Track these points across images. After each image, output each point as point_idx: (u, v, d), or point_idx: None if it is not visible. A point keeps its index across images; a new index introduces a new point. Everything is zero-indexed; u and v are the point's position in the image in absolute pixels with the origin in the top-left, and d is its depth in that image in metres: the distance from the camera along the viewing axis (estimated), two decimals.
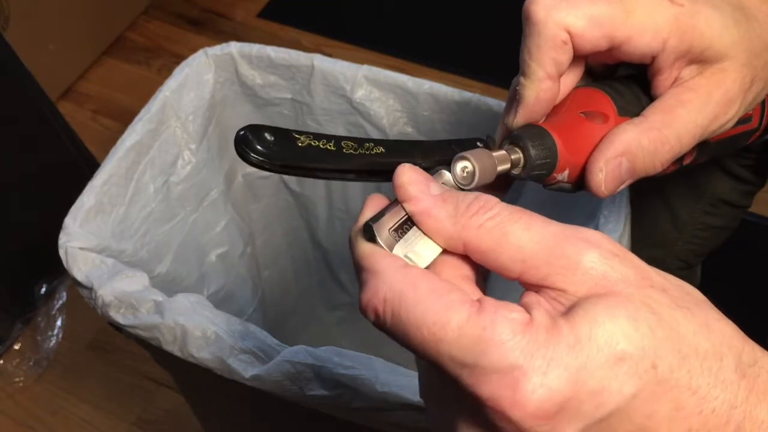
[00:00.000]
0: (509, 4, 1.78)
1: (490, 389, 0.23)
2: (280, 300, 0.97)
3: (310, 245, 0.94)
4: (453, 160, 0.32)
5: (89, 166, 1.16)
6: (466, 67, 1.47)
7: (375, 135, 0.77)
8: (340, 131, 0.78)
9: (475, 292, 0.27)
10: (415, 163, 0.31)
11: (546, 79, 0.35)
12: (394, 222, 0.28)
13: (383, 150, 0.32)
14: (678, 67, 0.36)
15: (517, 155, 0.35)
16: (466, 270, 0.28)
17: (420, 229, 0.28)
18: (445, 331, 0.24)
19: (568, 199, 0.65)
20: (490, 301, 0.25)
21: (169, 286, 0.71)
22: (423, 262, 0.28)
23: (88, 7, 1.49)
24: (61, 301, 1.18)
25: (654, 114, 0.36)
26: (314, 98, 0.75)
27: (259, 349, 0.52)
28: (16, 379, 1.14)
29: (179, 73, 0.72)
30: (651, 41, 0.34)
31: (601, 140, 0.36)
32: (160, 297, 0.55)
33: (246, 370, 0.52)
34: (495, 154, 0.34)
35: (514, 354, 0.23)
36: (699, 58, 0.35)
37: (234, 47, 0.74)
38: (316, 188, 0.86)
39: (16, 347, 1.16)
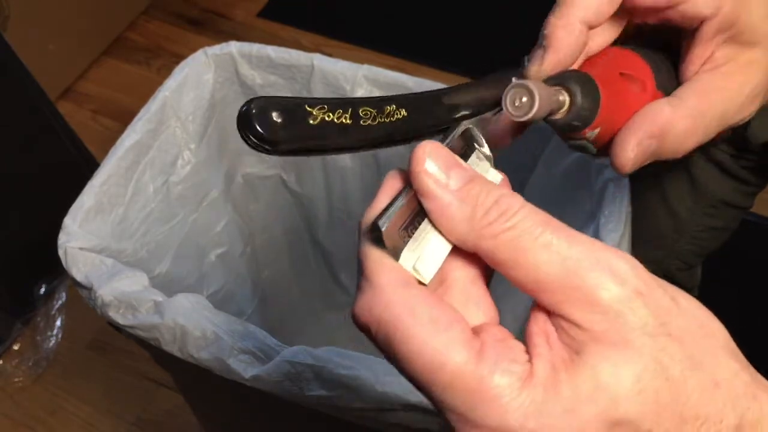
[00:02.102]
0: (509, 4, 1.78)
1: None
2: (280, 300, 0.96)
3: (310, 245, 0.94)
4: (508, 88, 0.29)
5: (89, 166, 1.16)
6: (466, 67, 1.47)
7: None
8: None
9: (488, 307, 0.26)
10: (441, 124, 0.28)
11: (580, 23, 0.33)
12: (406, 218, 0.25)
13: (405, 114, 0.29)
14: (716, 43, 0.35)
15: (564, 97, 0.32)
16: (475, 270, 0.26)
17: (432, 225, 0.25)
18: (439, 374, 0.22)
19: (569, 198, 0.64)
20: (492, 344, 0.23)
21: (168, 286, 0.71)
22: (431, 269, 0.25)
23: (87, 7, 1.49)
24: (60, 301, 1.18)
25: (690, 98, 0.35)
26: None
27: (259, 349, 0.52)
28: (16, 380, 1.13)
29: (179, 73, 0.72)
30: (710, 3, 0.33)
31: (636, 112, 0.34)
32: (159, 297, 0.55)
33: (246, 370, 0.52)
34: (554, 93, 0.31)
35: (507, 414, 0.22)
36: (738, 38, 0.35)
37: (234, 47, 0.74)
38: (316, 188, 0.86)
39: (16, 347, 1.16)
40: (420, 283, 0.25)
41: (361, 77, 0.72)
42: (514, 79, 0.30)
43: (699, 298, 0.25)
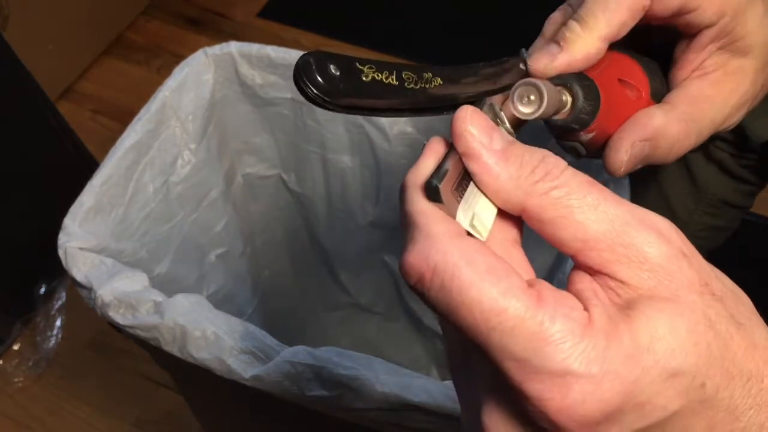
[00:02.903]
0: (509, 4, 1.78)
1: (538, 389, 0.22)
2: (280, 300, 0.96)
3: (310, 245, 0.94)
4: (517, 85, 0.30)
5: (89, 166, 1.16)
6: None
7: (375, 134, 0.77)
8: (340, 130, 0.78)
9: (529, 271, 0.26)
10: (470, 96, 0.28)
11: (603, 41, 0.33)
12: (455, 179, 0.25)
13: (441, 82, 0.29)
14: (709, 51, 0.36)
15: (566, 98, 0.33)
16: (515, 233, 0.26)
17: (477, 187, 0.25)
18: (500, 319, 0.22)
19: None
20: (549, 293, 0.23)
21: (168, 286, 0.71)
22: (486, 228, 0.25)
23: (87, 7, 1.49)
24: (60, 302, 1.18)
25: (681, 105, 0.35)
26: None
27: (259, 349, 0.52)
28: (16, 380, 1.14)
29: (179, 73, 0.72)
30: (716, 12, 0.34)
31: (629, 118, 0.35)
32: (159, 297, 0.55)
33: (246, 370, 0.52)
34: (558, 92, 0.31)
35: (571, 358, 0.22)
36: (731, 47, 0.35)
37: (234, 47, 0.74)
38: (316, 188, 0.86)
39: (16, 347, 1.16)
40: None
41: None
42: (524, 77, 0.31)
43: None
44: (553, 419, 0.22)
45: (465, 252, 0.23)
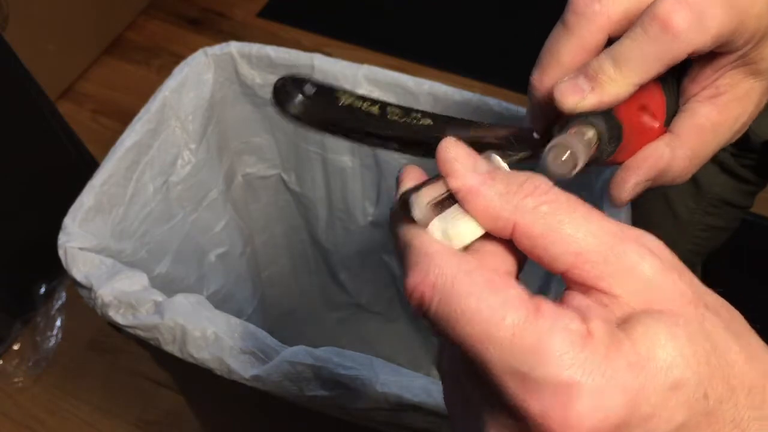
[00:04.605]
0: (509, 4, 1.78)
1: (540, 404, 0.21)
2: (280, 300, 0.96)
3: (310, 245, 0.94)
4: (549, 146, 0.29)
5: (89, 166, 1.16)
6: (466, 67, 1.47)
7: None
8: None
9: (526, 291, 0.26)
10: (468, 139, 0.28)
11: (636, 86, 0.33)
12: (435, 196, 0.25)
13: (431, 122, 0.29)
14: (725, 69, 0.36)
15: (590, 136, 0.32)
16: (509, 263, 0.25)
17: (463, 207, 0.25)
18: (498, 330, 0.22)
19: None
20: (548, 305, 0.23)
21: (168, 286, 0.71)
22: (460, 241, 0.25)
23: (87, 7, 1.49)
24: (60, 302, 1.18)
25: (687, 135, 0.36)
26: None
27: (259, 349, 0.52)
28: (16, 380, 1.13)
29: (179, 73, 0.72)
30: (747, 40, 0.33)
31: (642, 145, 0.35)
32: (159, 297, 0.55)
33: (246, 370, 0.52)
34: (585, 137, 0.31)
35: (572, 370, 0.21)
36: (746, 68, 0.35)
37: (234, 47, 0.74)
38: (316, 188, 0.86)
39: (16, 348, 1.16)
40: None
41: (361, 77, 0.72)
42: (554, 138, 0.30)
43: None
44: None
45: (462, 265, 0.23)
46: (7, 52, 1.04)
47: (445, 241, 0.25)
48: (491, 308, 0.22)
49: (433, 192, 0.25)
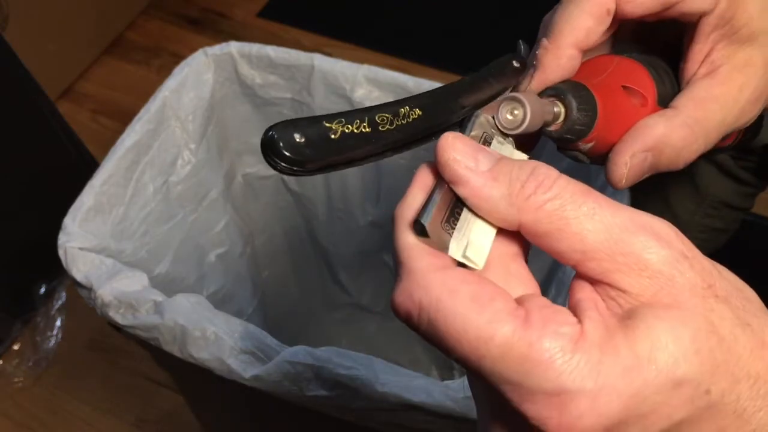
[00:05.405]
0: (509, 4, 1.77)
1: (535, 409, 0.22)
2: (280, 300, 0.96)
3: (310, 245, 0.94)
4: (501, 101, 0.29)
5: (89, 166, 1.16)
6: (466, 67, 1.47)
7: None
8: None
9: (530, 284, 0.26)
10: (457, 118, 0.28)
11: (572, 48, 0.33)
12: (445, 211, 0.25)
13: (421, 113, 0.29)
14: (714, 40, 0.35)
15: (558, 109, 0.32)
16: (515, 248, 0.26)
17: (471, 211, 0.25)
18: (488, 347, 0.22)
19: None
20: (537, 312, 0.23)
21: (168, 286, 0.71)
22: (482, 255, 0.25)
23: (87, 7, 1.49)
24: (60, 302, 1.18)
25: (686, 107, 0.35)
26: (314, 98, 0.75)
27: (259, 349, 0.52)
28: (16, 380, 1.13)
29: (179, 73, 0.72)
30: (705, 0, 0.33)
31: (631, 127, 0.34)
32: (159, 297, 0.55)
33: (246, 370, 0.52)
34: (543, 99, 0.31)
35: (563, 376, 0.21)
36: (734, 35, 0.35)
37: (233, 47, 0.74)
38: (316, 188, 0.86)
39: (16, 348, 1.16)
40: (471, 269, 0.25)
41: (361, 77, 0.72)
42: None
43: None
44: None
45: (447, 284, 0.23)
46: (7, 52, 1.04)
47: (467, 263, 0.25)
48: (478, 329, 0.22)
49: (442, 207, 0.25)
